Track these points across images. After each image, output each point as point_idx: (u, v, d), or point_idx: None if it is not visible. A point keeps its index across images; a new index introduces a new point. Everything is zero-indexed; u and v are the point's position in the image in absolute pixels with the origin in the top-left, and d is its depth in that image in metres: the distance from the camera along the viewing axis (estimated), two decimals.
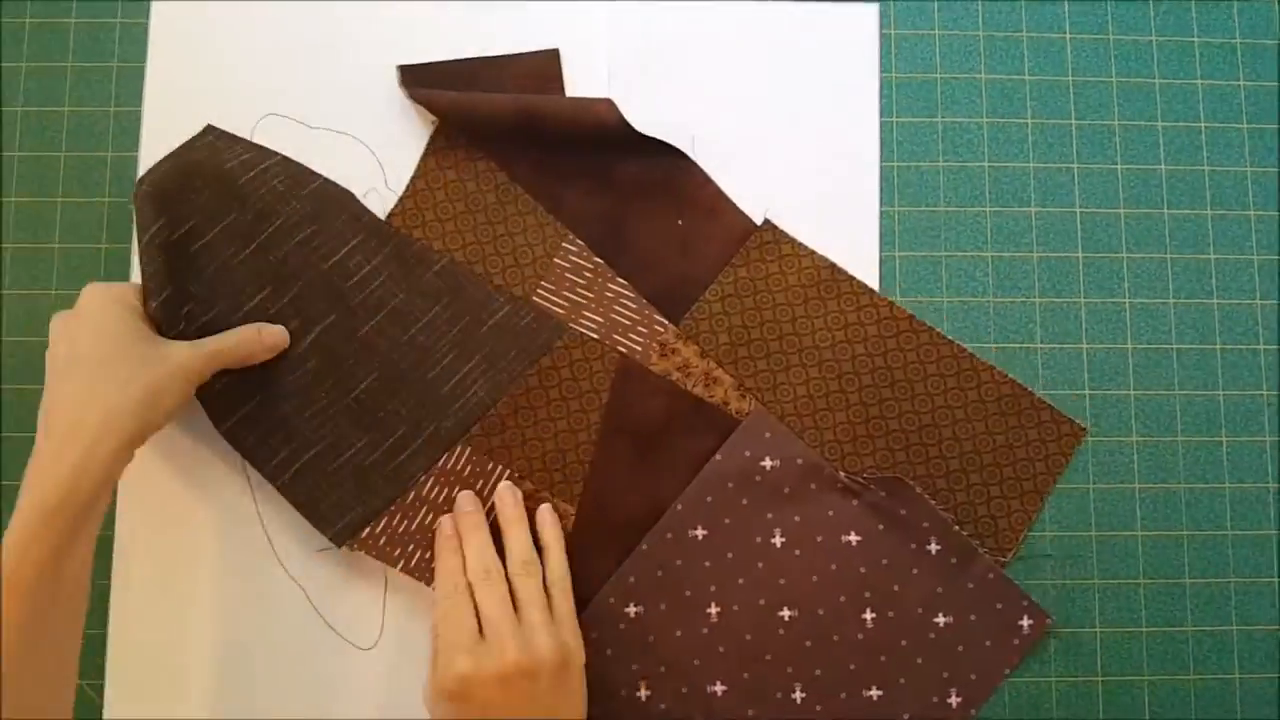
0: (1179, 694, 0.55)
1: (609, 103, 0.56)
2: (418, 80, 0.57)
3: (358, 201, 0.56)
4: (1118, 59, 0.59)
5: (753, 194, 0.57)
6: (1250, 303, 0.58)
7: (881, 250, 0.57)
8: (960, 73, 0.59)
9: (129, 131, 0.57)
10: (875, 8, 0.59)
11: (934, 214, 0.58)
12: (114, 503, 0.54)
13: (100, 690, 0.53)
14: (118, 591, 0.54)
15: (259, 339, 0.52)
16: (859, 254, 0.57)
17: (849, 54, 0.59)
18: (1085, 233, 0.58)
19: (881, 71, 0.59)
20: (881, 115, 0.58)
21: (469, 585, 0.50)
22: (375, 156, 0.57)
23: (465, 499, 0.54)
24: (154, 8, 0.57)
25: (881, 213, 0.58)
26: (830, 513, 0.55)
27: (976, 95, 0.59)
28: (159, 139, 0.56)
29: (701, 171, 0.57)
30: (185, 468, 0.54)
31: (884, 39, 0.59)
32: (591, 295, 0.56)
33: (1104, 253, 0.58)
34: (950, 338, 0.56)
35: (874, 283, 0.57)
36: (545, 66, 0.57)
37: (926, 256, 0.57)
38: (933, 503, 0.55)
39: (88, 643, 0.53)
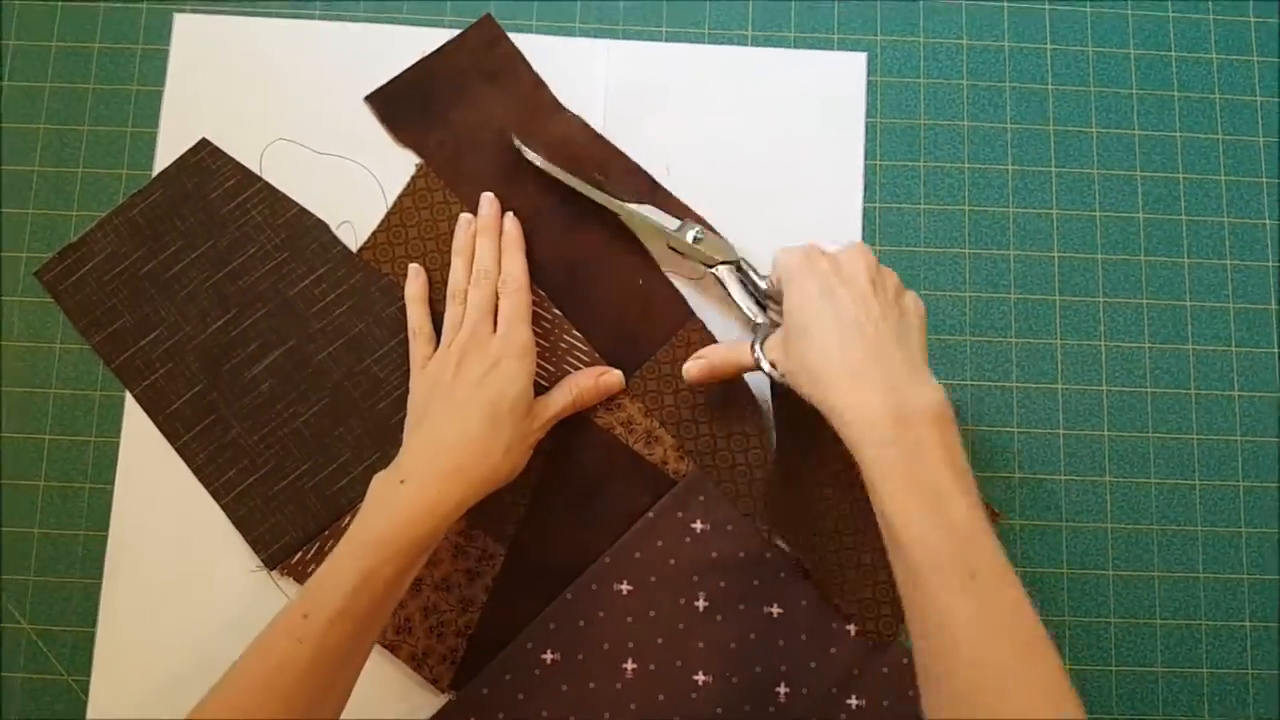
0: None
1: (590, 130, 0.58)
2: (385, 103, 0.59)
3: (330, 232, 0.58)
4: (1098, 110, 0.61)
5: (739, 231, 0.58)
6: (1225, 349, 0.59)
7: None
8: (944, 119, 0.61)
9: (144, 151, 0.59)
10: (864, 56, 0.61)
11: (915, 254, 0.59)
12: (109, 503, 0.56)
13: (85, 687, 0.54)
14: (108, 590, 0.55)
15: (594, 388, 0.55)
16: None
17: (837, 98, 0.61)
18: (1062, 277, 0.59)
19: (868, 116, 0.61)
20: (866, 158, 0.60)
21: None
22: (378, 182, 0.59)
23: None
24: (174, 38, 0.60)
25: None
26: (755, 582, 0.55)
27: (959, 141, 0.61)
28: (172, 159, 0.59)
29: None
30: (176, 471, 0.56)
31: (871, 85, 0.61)
32: (546, 344, 0.57)
33: (1081, 296, 0.59)
34: None
35: None
36: (486, 33, 0.60)
37: None
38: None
39: (74, 640, 0.55)
